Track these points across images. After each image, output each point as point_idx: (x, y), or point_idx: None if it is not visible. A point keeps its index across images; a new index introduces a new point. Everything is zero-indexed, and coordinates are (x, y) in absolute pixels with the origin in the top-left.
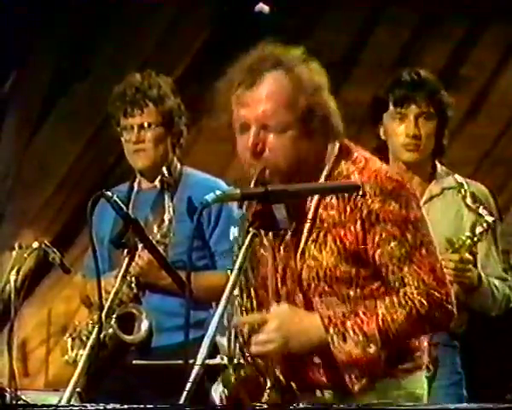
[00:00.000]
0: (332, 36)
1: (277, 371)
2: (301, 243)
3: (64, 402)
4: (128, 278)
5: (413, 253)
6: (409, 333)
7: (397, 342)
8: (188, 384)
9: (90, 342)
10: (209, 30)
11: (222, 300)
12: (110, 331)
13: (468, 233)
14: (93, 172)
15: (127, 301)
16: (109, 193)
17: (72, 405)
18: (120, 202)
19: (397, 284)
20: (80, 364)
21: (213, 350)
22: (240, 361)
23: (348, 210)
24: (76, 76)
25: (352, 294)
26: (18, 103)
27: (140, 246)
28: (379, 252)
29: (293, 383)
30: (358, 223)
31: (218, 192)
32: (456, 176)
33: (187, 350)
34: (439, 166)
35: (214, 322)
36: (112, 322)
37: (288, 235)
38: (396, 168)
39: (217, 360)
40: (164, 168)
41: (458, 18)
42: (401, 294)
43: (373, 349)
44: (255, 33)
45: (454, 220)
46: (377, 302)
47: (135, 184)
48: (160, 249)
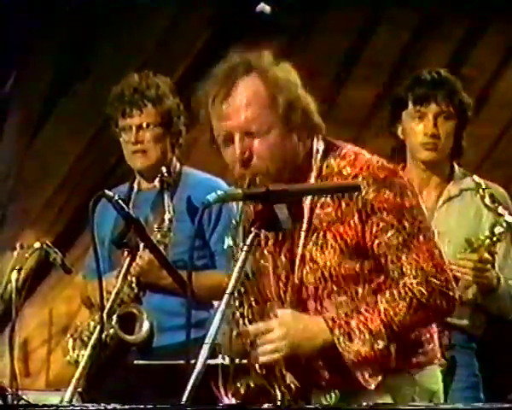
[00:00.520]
0: (333, 36)
1: (288, 379)
2: (300, 247)
3: (65, 402)
4: (128, 278)
5: (410, 240)
6: (413, 323)
7: (403, 333)
8: (189, 384)
9: (92, 342)
10: (210, 30)
11: (223, 300)
12: (111, 331)
13: (488, 233)
14: (94, 172)
15: (128, 301)
16: (110, 193)
17: (73, 405)
18: (122, 202)
19: (396, 274)
20: (81, 364)
21: (214, 350)
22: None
23: (344, 205)
24: (77, 76)
25: (361, 290)
26: (19, 103)
27: (141, 246)
28: (377, 242)
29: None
30: (356, 216)
31: (220, 192)
32: (474, 177)
33: (188, 350)
34: (457, 167)
35: (216, 322)
36: (113, 322)
37: (289, 241)
38: (414, 168)
39: (218, 360)
40: (163, 168)
41: (459, 18)
42: (400, 285)
43: (381, 345)
44: (256, 33)
45: (473, 221)
46: (378, 297)
47: (135, 185)
48: (161, 249)
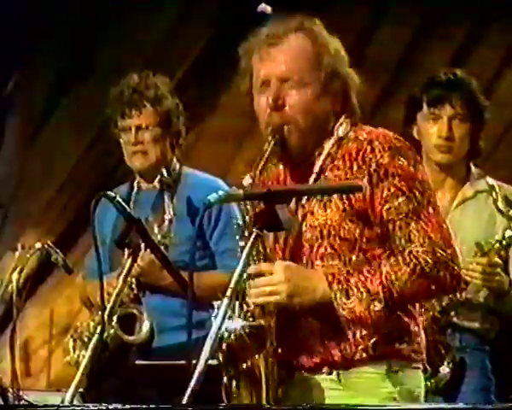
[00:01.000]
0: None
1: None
2: (304, 203)
3: (66, 403)
4: (129, 279)
5: (421, 210)
6: (414, 292)
7: (402, 301)
8: (190, 384)
9: (93, 342)
10: (211, 30)
11: (224, 299)
12: (111, 332)
13: (498, 237)
14: (96, 172)
15: (128, 301)
16: (112, 193)
17: (74, 405)
18: (123, 203)
19: (403, 242)
20: (82, 364)
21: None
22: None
23: (355, 167)
24: (78, 77)
25: (354, 258)
26: (20, 104)
27: (142, 246)
28: (386, 207)
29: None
30: (366, 178)
31: (221, 192)
32: (488, 179)
33: (189, 350)
34: (473, 168)
35: (217, 322)
36: (113, 323)
37: (292, 202)
38: (429, 169)
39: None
40: (163, 169)
41: (460, 18)
42: (406, 252)
43: (378, 307)
44: None
45: (487, 224)
46: (382, 262)
47: (135, 185)
48: (162, 250)
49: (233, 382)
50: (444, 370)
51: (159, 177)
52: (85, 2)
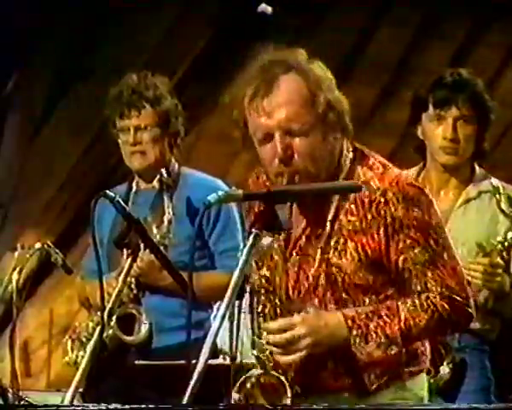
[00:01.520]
0: (334, 36)
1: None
2: (319, 250)
3: (66, 403)
4: (128, 279)
5: (436, 258)
6: (429, 334)
7: (417, 341)
8: (190, 385)
9: (92, 342)
10: (211, 30)
11: (225, 300)
12: (110, 332)
13: (500, 238)
14: (95, 172)
15: (127, 301)
16: (112, 194)
17: (74, 405)
18: (123, 203)
19: (419, 288)
20: (82, 365)
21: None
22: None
23: (369, 217)
24: (77, 77)
25: (367, 301)
26: (20, 104)
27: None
28: (402, 258)
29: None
30: (382, 230)
31: (221, 193)
32: (492, 179)
33: (188, 350)
34: (478, 168)
35: (216, 322)
36: (112, 323)
37: (303, 239)
38: (433, 169)
39: (219, 360)
40: (163, 169)
41: (460, 18)
42: (423, 297)
43: (394, 350)
44: (258, 34)
45: (489, 224)
46: (399, 304)
47: (133, 185)
48: (162, 250)
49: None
50: (443, 370)
51: (158, 177)
52: (85, 2)
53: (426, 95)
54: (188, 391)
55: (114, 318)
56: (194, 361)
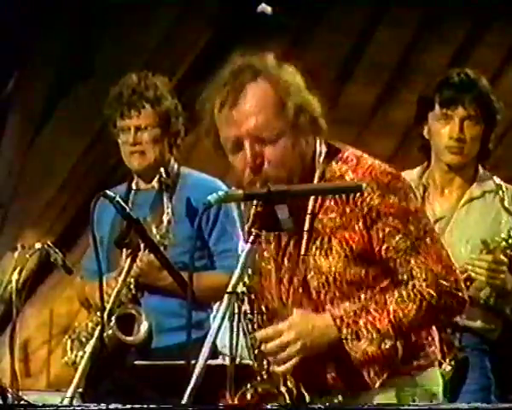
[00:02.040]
0: (333, 36)
1: (289, 383)
2: (303, 252)
3: (66, 403)
4: (127, 279)
5: (418, 244)
6: (422, 324)
7: (411, 333)
8: (190, 385)
9: (92, 343)
10: (212, 30)
11: (224, 300)
12: (110, 332)
13: (504, 235)
14: (95, 172)
15: (126, 302)
16: (112, 194)
17: (73, 405)
18: (123, 203)
19: (405, 277)
20: (81, 365)
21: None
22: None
23: (348, 210)
24: (78, 77)
25: (363, 296)
26: (20, 104)
27: (141, 247)
28: (384, 247)
29: (304, 388)
30: (361, 222)
31: (221, 193)
32: (495, 178)
33: (187, 351)
34: (482, 169)
35: (216, 323)
36: (112, 323)
37: (291, 245)
38: (438, 168)
39: (218, 361)
40: (162, 169)
41: (460, 18)
42: (409, 287)
43: (388, 344)
44: (257, 34)
45: (492, 223)
46: (387, 298)
47: (133, 185)
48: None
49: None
50: (446, 367)
51: (157, 177)
52: (85, 2)
53: (432, 94)
54: (187, 391)
55: (114, 318)
56: (193, 362)
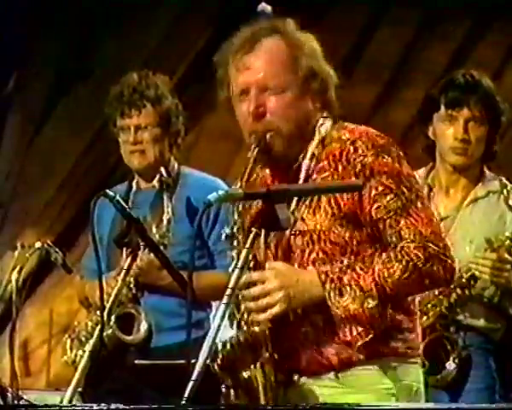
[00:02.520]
0: (334, 35)
1: (270, 349)
2: (291, 209)
3: (66, 402)
4: (127, 279)
5: (409, 205)
6: (407, 288)
7: (396, 297)
8: (189, 384)
9: (92, 342)
10: (211, 30)
11: (223, 299)
12: (110, 332)
13: (508, 234)
14: (95, 171)
15: (126, 301)
16: (112, 193)
17: (74, 405)
18: (123, 202)
19: (394, 239)
20: (81, 364)
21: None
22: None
23: (340, 168)
24: (78, 76)
25: (346, 262)
26: (20, 103)
27: (141, 246)
28: (375, 206)
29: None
30: (353, 179)
31: (221, 192)
32: (501, 178)
33: (187, 350)
34: (487, 170)
35: (216, 322)
36: (111, 322)
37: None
38: (442, 169)
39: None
40: (162, 169)
41: (460, 17)
42: (398, 248)
43: (371, 304)
44: None
45: (497, 223)
46: (374, 258)
47: (133, 184)
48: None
49: (231, 391)
50: (450, 365)
51: (158, 176)
52: (85, 2)
53: (438, 95)
54: (187, 391)
55: (113, 317)
56: (193, 361)
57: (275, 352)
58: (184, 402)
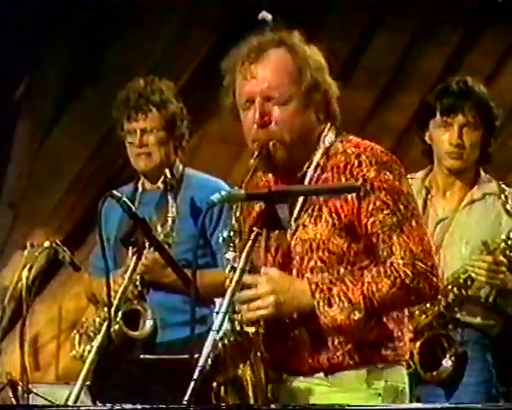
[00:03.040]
0: (331, 43)
1: (262, 349)
2: (293, 217)
3: (74, 396)
4: (133, 276)
5: (404, 223)
6: (394, 303)
7: (382, 311)
8: (192, 380)
9: (99, 337)
10: (214, 36)
11: (226, 297)
12: (116, 328)
13: (504, 236)
14: (103, 173)
15: (132, 298)
16: (118, 194)
17: (79, 405)
18: (129, 203)
19: (385, 254)
20: (89, 359)
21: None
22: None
23: (343, 180)
24: (87, 81)
25: (342, 271)
26: (30, 107)
27: (147, 245)
28: (371, 220)
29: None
30: (351, 181)
31: (224, 192)
32: (500, 183)
33: (191, 345)
34: (483, 173)
35: (219, 319)
36: (118, 318)
37: (286, 213)
38: (440, 172)
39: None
40: (167, 170)
41: (454, 25)
42: (387, 264)
43: (357, 316)
44: None
45: (492, 225)
46: (364, 272)
47: (139, 185)
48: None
49: (221, 388)
50: (446, 362)
51: (163, 178)
52: (93, 9)
53: (433, 102)
54: (190, 386)
55: (120, 313)
56: (196, 355)
57: (266, 352)
58: (187, 397)
